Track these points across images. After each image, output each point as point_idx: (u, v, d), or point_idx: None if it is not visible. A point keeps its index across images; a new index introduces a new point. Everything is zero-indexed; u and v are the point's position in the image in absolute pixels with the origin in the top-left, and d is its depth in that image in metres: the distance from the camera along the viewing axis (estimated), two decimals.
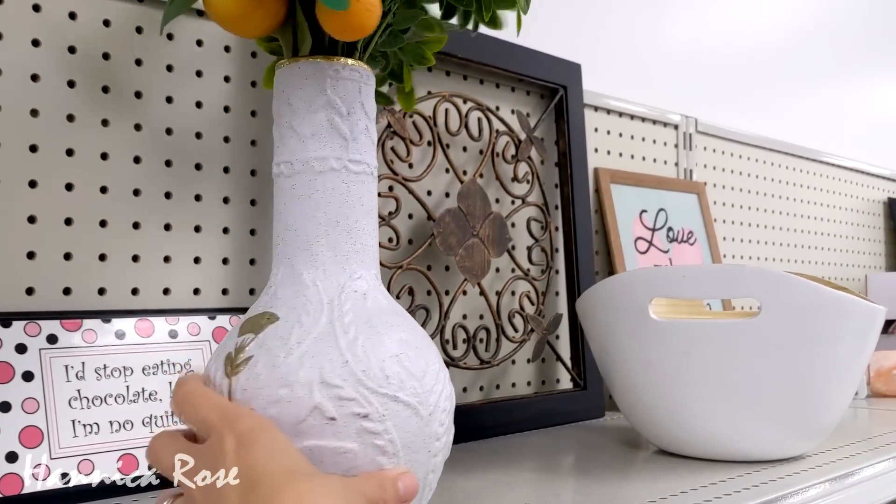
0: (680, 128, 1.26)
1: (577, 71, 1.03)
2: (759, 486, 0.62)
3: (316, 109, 0.48)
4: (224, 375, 0.45)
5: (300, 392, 0.43)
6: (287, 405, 0.43)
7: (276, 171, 0.49)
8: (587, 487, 0.64)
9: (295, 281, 0.48)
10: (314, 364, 0.43)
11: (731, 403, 0.68)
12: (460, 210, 0.87)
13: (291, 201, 0.48)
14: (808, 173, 1.57)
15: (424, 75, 0.89)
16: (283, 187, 0.49)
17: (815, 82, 1.68)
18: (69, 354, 0.62)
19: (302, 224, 0.48)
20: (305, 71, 0.48)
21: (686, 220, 1.22)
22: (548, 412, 0.93)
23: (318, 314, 0.46)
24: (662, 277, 0.68)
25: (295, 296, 0.47)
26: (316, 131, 0.48)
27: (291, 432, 0.42)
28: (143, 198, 0.69)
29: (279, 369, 0.43)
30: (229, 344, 0.46)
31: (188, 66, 0.72)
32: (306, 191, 0.48)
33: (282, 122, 0.49)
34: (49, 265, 0.64)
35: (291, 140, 0.49)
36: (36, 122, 0.64)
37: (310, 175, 0.48)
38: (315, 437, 0.43)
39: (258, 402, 0.43)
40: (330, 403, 0.43)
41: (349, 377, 0.43)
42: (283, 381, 0.43)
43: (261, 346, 0.45)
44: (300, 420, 0.42)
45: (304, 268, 0.48)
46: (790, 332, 0.65)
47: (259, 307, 0.48)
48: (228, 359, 0.45)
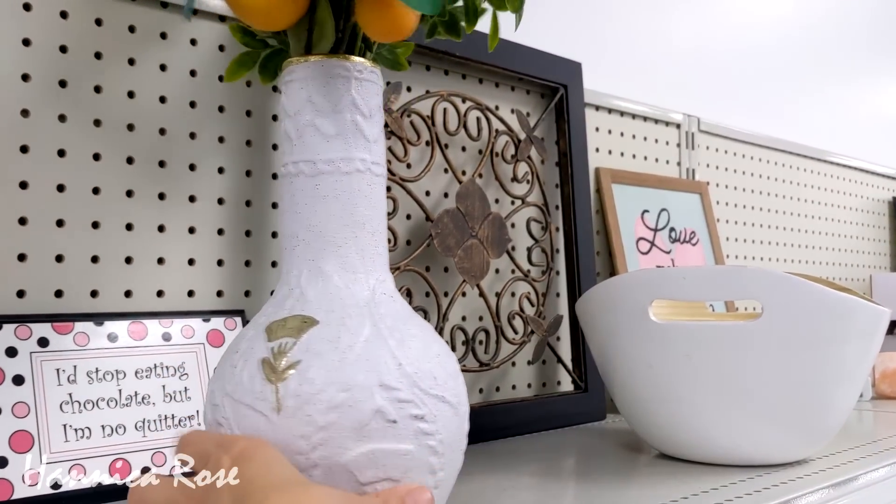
0: (682, 127, 1.25)
1: (577, 70, 1.02)
2: (761, 492, 0.61)
3: (341, 109, 0.47)
4: (265, 381, 0.43)
5: (360, 396, 0.42)
6: (348, 409, 0.42)
7: (295, 170, 0.48)
8: (588, 492, 0.63)
9: (324, 283, 0.46)
10: (370, 367, 0.43)
11: (733, 406, 0.67)
12: (459, 211, 0.86)
13: (315, 201, 0.47)
14: (812, 173, 1.56)
15: (423, 74, 0.88)
16: (303, 187, 0.47)
17: (819, 81, 1.67)
18: (61, 358, 0.61)
19: (327, 225, 0.47)
20: (330, 69, 0.47)
21: (688, 221, 1.21)
22: (548, 415, 0.92)
23: (361, 318, 0.45)
24: (663, 279, 0.67)
25: (328, 299, 0.46)
26: (341, 131, 0.47)
27: (354, 437, 0.42)
28: (137, 199, 0.68)
29: (335, 373, 0.42)
30: (257, 349, 0.44)
31: (181, 65, 0.71)
32: (332, 191, 0.47)
33: (301, 119, 0.47)
34: (40, 267, 0.63)
35: (314, 139, 0.47)
36: (27, 122, 0.63)
37: (336, 176, 0.47)
38: (377, 441, 0.42)
39: (315, 407, 0.42)
40: (390, 406, 0.43)
41: (404, 379, 0.44)
42: (341, 385, 0.42)
43: (307, 351, 0.43)
44: (363, 424, 0.42)
45: (332, 270, 0.47)
46: (793, 334, 0.64)
47: (283, 310, 0.46)
48: (267, 364, 0.43)
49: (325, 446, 0.41)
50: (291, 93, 0.48)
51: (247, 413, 0.43)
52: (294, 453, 0.41)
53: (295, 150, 0.48)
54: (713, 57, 1.40)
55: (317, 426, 0.42)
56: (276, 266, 0.76)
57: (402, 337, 0.45)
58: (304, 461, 0.42)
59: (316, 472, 0.42)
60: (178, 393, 0.65)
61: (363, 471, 0.42)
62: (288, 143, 0.48)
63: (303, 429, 0.42)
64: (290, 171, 0.48)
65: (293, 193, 0.48)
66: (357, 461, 0.42)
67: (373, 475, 0.42)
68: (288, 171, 0.48)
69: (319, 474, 0.42)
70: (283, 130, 0.49)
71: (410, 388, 0.44)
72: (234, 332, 0.70)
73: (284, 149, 0.49)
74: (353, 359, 0.43)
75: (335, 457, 0.42)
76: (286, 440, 0.42)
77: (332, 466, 0.42)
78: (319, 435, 0.41)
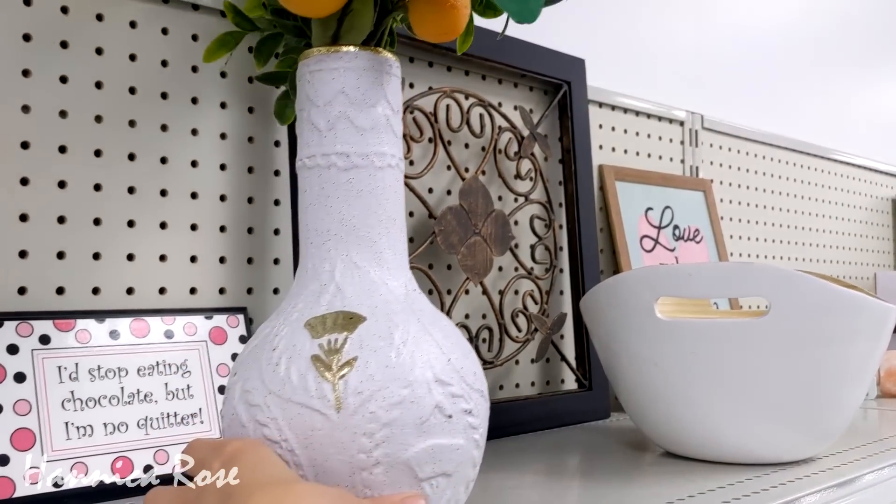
0: (686, 124, 1.25)
1: (580, 66, 1.01)
2: (768, 490, 0.61)
3: (374, 103, 0.47)
4: (321, 379, 0.42)
5: (420, 391, 0.42)
6: (410, 405, 0.42)
7: (325, 163, 0.46)
8: (592, 490, 0.63)
9: (361, 278, 0.46)
10: (425, 363, 0.43)
11: (739, 405, 0.66)
12: (462, 208, 0.85)
13: (349, 196, 0.46)
14: (815, 170, 1.55)
15: (425, 70, 0.88)
16: (335, 180, 0.46)
17: (823, 79, 1.66)
18: (62, 355, 0.61)
19: (363, 220, 0.46)
20: (365, 62, 0.46)
21: (692, 218, 1.20)
22: (552, 413, 0.92)
23: (404, 313, 0.45)
24: (668, 276, 0.66)
25: (368, 294, 0.45)
26: (375, 125, 0.47)
27: (415, 433, 0.41)
28: (138, 195, 0.68)
29: (394, 370, 0.42)
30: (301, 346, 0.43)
31: (182, 61, 0.71)
32: (367, 186, 0.46)
33: (333, 110, 0.46)
34: (42, 264, 0.63)
35: (347, 131, 0.46)
36: (28, 118, 0.62)
37: (370, 170, 0.46)
38: (436, 436, 0.42)
39: (378, 403, 0.41)
40: (446, 401, 0.43)
41: (454, 374, 0.44)
42: (402, 381, 0.42)
43: (362, 347, 0.42)
44: (423, 420, 0.42)
45: (369, 265, 0.46)
46: (800, 331, 0.63)
47: (320, 306, 0.45)
48: (319, 361, 0.42)
49: (388, 443, 0.41)
50: (321, 82, 0.46)
51: (300, 412, 0.41)
52: (356, 451, 0.41)
53: (325, 142, 0.46)
54: (717, 54, 1.39)
55: (380, 423, 0.41)
56: (279, 263, 0.76)
57: (443, 332, 0.46)
58: (365, 459, 0.41)
59: (378, 469, 0.41)
60: (181, 391, 0.65)
61: (423, 466, 0.42)
62: (315, 134, 0.47)
63: (366, 426, 0.41)
64: (320, 164, 0.46)
65: (322, 186, 0.46)
66: (418, 457, 0.42)
67: (430, 470, 0.42)
68: (316, 164, 0.47)
69: (381, 471, 0.41)
70: (307, 120, 0.47)
71: (460, 382, 0.44)
72: (236, 329, 0.69)
73: (309, 139, 0.47)
74: (408, 354, 0.43)
75: (398, 453, 0.41)
76: (348, 438, 0.41)
77: (394, 463, 0.41)
78: (383, 432, 0.41)
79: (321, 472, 0.41)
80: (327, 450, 0.41)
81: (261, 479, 0.37)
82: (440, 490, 0.43)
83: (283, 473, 0.38)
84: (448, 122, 0.87)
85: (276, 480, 0.37)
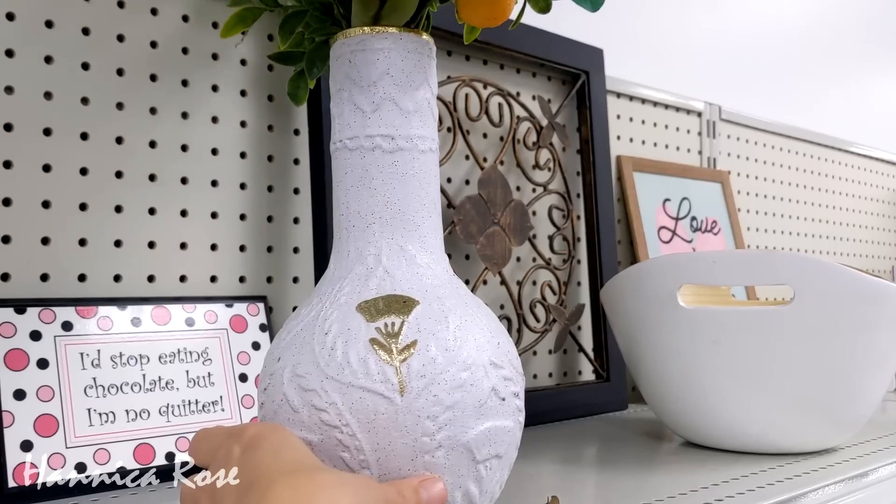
0: (703, 115, 1.24)
1: (599, 56, 1.01)
2: (792, 479, 0.60)
3: (418, 86, 0.46)
4: (383, 362, 0.41)
5: (478, 375, 0.42)
6: (471, 388, 0.42)
7: (370, 144, 0.45)
8: (612, 479, 0.62)
9: (409, 262, 0.45)
10: (479, 346, 0.43)
11: (762, 394, 0.66)
12: (481, 197, 0.85)
13: (394, 179, 0.45)
14: (834, 163, 1.54)
15: (444, 59, 0.87)
16: (379, 162, 0.45)
17: (841, 71, 1.65)
18: (84, 342, 0.61)
19: (407, 204, 0.46)
20: (410, 44, 0.46)
21: (710, 210, 1.19)
22: (570, 404, 0.91)
23: (453, 297, 0.45)
24: (692, 263, 0.66)
25: (418, 278, 0.45)
26: (418, 108, 0.46)
27: (475, 415, 0.42)
28: (159, 183, 0.68)
29: (454, 353, 0.42)
30: (356, 329, 0.42)
31: (203, 49, 0.71)
32: (410, 169, 0.46)
33: (378, 92, 0.45)
34: (64, 251, 0.63)
35: (391, 113, 0.45)
36: (50, 104, 0.62)
37: (414, 154, 0.46)
38: (492, 418, 0.43)
39: (441, 387, 0.41)
40: (500, 384, 0.43)
41: (504, 357, 0.44)
42: (461, 364, 0.42)
43: (419, 330, 0.42)
44: (482, 403, 0.42)
45: (415, 250, 0.46)
46: (825, 319, 0.63)
47: (369, 289, 0.44)
48: (379, 344, 0.42)
49: (451, 426, 0.41)
50: (364, 63, 0.46)
51: (362, 396, 0.41)
52: (420, 434, 0.41)
53: (370, 123, 0.45)
54: (735, 45, 1.38)
55: (444, 406, 0.41)
56: (298, 252, 0.76)
57: (486, 316, 0.46)
58: (428, 442, 0.41)
59: (439, 452, 0.41)
60: (202, 378, 0.65)
61: (481, 448, 0.42)
62: (358, 115, 0.46)
63: (430, 409, 0.41)
64: (363, 145, 0.46)
65: (366, 168, 0.46)
66: (477, 439, 0.42)
67: (486, 452, 0.43)
68: (359, 145, 0.46)
69: (442, 454, 0.41)
70: (347, 101, 0.46)
71: (509, 365, 0.44)
72: (256, 317, 0.69)
73: (349, 120, 0.46)
74: (464, 337, 0.43)
75: (459, 436, 0.42)
76: (412, 422, 0.41)
77: (455, 445, 0.42)
78: (446, 415, 0.41)
79: (383, 456, 0.41)
80: (391, 433, 0.41)
81: (283, 467, 0.36)
82: (492, 472, 0.44)
83: (306, 459, 0.38)
84: (467, 111, 0.87)
85: (298, 468, 0.36)
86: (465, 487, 0.43)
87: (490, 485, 0.44)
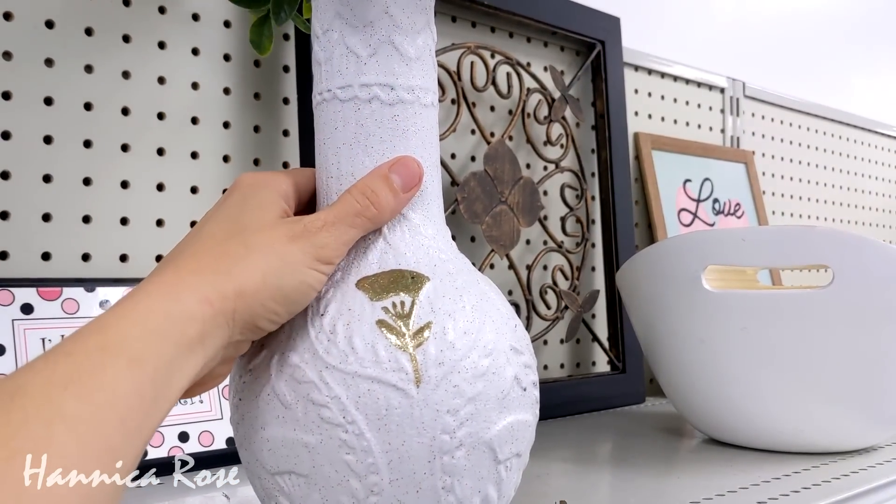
0: (726, 92, 1.17)
1: (615, 25, 0.94)
2: (831, 482, 0.54)
3: (420, 29, 0.39)
4: (394, 348, 0.35)
5: (500, 361, 0.37)
6: (493, 377, 0.36)
7: (366, 95, 0.39)
8: (627, 481, 0.57)
9: (413, 234, 0.39)
10: (497, 329, 0.37)
11: (795, 387, 0.60)
12: (487, 174, 0.79)
13: (393, 135, 0.39)
14: (864, 144, 1.47)
15: (448, 25, 0.81)
16: (377, 116, 0.39)
17: (869, 49, 1.58)
18: (46, 326, 0.56)
19: None
20: None
21: (733, 192, 1.13)
22: (583, 397, 0.86)
23: (464, 273, 0.39)
24: (719, 241, 0.59)
25: (424, 252, 0.39)
26: (420, 55, 0.39)
27: (497, 408, 0.36)
28: (132, 154, 0.62)
29: (472, 336, 0.36)
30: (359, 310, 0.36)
31: (182, 10, 0.65)
32: (413, 125, 0.39)
33: (375, 33, 0.38)
34: (25, 227, 0.57)
35: (391, 59, 0.39)
36: (51, 71, 0.57)
37: (416, 107, 0.39)
38: (514, 412, 0.37)
39: (462, 375, 0.35)
40: (521, 372, 0.38)
41: (523, 342, 0.39)
42: (482, 349, 0.36)
43: (433, 311, 0.36)
44: (504, 394, 0.37)
45: (419, 220, 0.39)
46: (867, 304, 0.56)
47: (370, 263, 0.38)
48: (387, 327, 0.36)
49: (472, 421, 0.36)
50: (359, 1, 0.39)
51: (371, 388, 0.35)
52: (439, 432, 0.35)
53: (366, 70, 0.38)
54: (761, 18, 1.31)
55: (465, 398, 0.35)
56: None
57: (499, 296, 0.40)
58: (448, 441, 0.35)
59: (460, 452, 0.35)
60: None
61: (503, 446, 0.37)
62: (351, 60, 0.39)
63: (451, 402, 0.35)
64: (358, 96, 0.39)
65: (361, 123, 0.39)
66: (499, 436, 0.37)
67: (508, 451, 0.37)
68: (353, 95, 0.39)
69: (463, 454, 0.35)
70: (339, 43, 0.39)
71: (528, 351, 0.39)
72: None
73: (341, 66, 0.39)
74: (482, 319, 0.37)
75: (481, 433, 0.36)
76: (430, 417, 0.35)
77: (477, 444, 0.36)
78: (467, 408, 0.35)
79: (396, 458, 0.34)
80: (405, 431, 0.34)
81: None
82: (511, 473, 0.38)
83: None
84: (473, 81, 0.81)
85: None
86: (484, 492, 0.36)
87: (508, 488, 0.38)
